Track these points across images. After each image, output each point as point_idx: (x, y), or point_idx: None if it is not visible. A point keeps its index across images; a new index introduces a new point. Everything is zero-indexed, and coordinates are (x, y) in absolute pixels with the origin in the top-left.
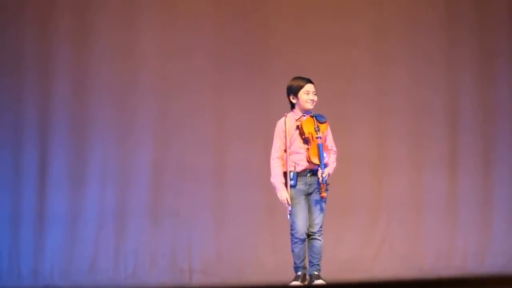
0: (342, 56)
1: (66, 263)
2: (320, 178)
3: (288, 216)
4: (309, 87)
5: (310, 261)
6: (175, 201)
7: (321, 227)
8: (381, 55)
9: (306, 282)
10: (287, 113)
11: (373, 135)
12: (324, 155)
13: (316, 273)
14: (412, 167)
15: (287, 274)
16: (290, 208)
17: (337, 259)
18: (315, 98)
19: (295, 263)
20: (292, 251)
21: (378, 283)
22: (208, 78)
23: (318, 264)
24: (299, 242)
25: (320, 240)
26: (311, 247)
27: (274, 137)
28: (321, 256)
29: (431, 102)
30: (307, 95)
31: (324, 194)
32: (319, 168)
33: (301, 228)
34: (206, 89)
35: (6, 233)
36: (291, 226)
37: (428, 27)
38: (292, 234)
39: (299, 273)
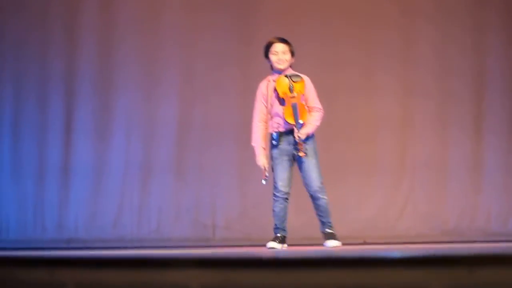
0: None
1: (90, 217)
2: (297, 138)
3: (263, 182)
4: (276, 46)
5: (320, 220)
6: (200, 157)
7: (321, 183)
8: (408, 9)
9: (284, 245)
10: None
11: (397, 95)
12: (299, 115)
13: (328, 230)
14: (437, 129)
15: (309, 231)
16: (266, 174)
17: (360, 218)
18: (285, 57)
19: (275, 224)
20: (273, 210)
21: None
22: (236, 36)
23: (329, 222)
24: (280, 201)
25: (323, 198)
26: (316, 207)
27: (255, 100)
28: (329, 213)
29: (457, 62)
30: (275, 55)
31: (302, 154)
32: (295, 128)
33: (280, 187)
34: (233, 48)
35: (31, 186)
36: (273, 185)
37: None
38: (273, 194)
39: (278, 234)
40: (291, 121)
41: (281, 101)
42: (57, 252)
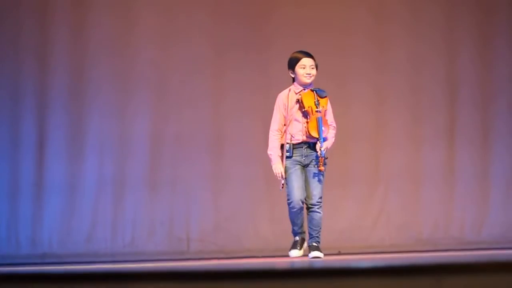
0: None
1: (64, 232)
2: (319, 152)
3: (281, 189)
4: (305, 61)
5: (309, 233)
6: (173, 171)
7: (320, 198)
8: (380, 15)
9: (304, 247)
10: (290, 87)
11: (371, 107)
12: (323, 129)
13: (315, 244)
14: (410, 139)
15: (283, 243)
16: (283, 181)
17: (335, 229)
18: (313, 72)
19: (293, 229)
20: (290, 219)
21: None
22: (208, 50)
23: (317, 236)
24: (296, 211)
25: (319, 212)
26: (310, 220)
27: (275, 109)
28: (320, 229)
29: (429, 75)
30: (303, 69)
31: (322, 168)
32: (318, 142)
33: (296, 197)
34: (205, 61)
35: (4, 202)
36: (288, 196)
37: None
38: (288, 204)
39: (297, 238)
40: (315, 134)
41: (305, 114)
42: (31, 268)
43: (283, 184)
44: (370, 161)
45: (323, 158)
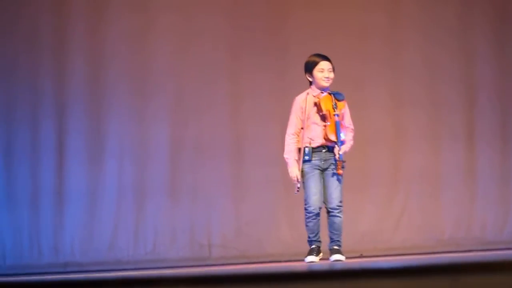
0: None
1: (86, 240)
2: (337, 155)
3: (296, 193)
4: (323, 64)
5: (330, 237)
6: (193, 177)
7: (340, 202)
8: (396, 18)
9: (320, 256)
10: (307, 90)
11: (388, 110)
12: (341, 132)
13: (336, 247)
14: (428, 141)
15: (304, 247)
16: (298, 185)
17: (357, 231)
18: (331, 75)
19: (309, 237)
20: (306, 225)
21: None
22: (225, 54)
23: (338, 240)
24: (313, 217)
25: (339, 216)
26: (331, 224)
27: (291, 113)
28: (341, 232)
29: (447, 71)
30: (322, 73)
31: (340, 171)
32: (336, 145)
33: (314, 202)
34: (223, 65)
35: (25, 211)
36: (305, 200)
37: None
38: (305, 209)
39: (313, 246)
40: (333, 138)
41: (323, 118)
42: (54, 277)
43: (298, 188)
44: (389, 163)
45: (341, 161)
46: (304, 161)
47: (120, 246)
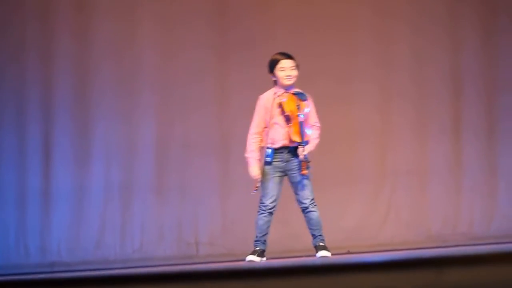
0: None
1: (73, 240)
2: (301, 156)
3: (253, 192)
4: (284, 62)
5: (312, 234)
6: (180, 176)
7: (312, 200)
8: (383, 10)
9: (263, 259)
10: (271, 89)
11: (375, 104)
12: (308, 132)
13: (321, 244)
14: (416, 135)
15: (290, 244)
16: (257, 185)
17: (343, 228)
18: (293, 73)
19: (256, 236)
20: (256, 222)
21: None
22: (210, 52)
23: (320, 235)
24: (265, 214)
25: (314, 211)
26: (308, 220)
27: (255, 112)
28: (321, 226)
29: (434, 71)
30: (283, 71)
31: (305, 172)
32: (300, 146)
33: (269, 202)
34: (208, 64)
35: (12, 211)
36: (261, 199)
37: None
38: (259, 206)
39: (258, 248)
40: (297, 139)
41: (286, 119)
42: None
43: (257, 187)
44: (376, 158)
45: (306, 162)
46: (266, 162)
47: (107, 245)
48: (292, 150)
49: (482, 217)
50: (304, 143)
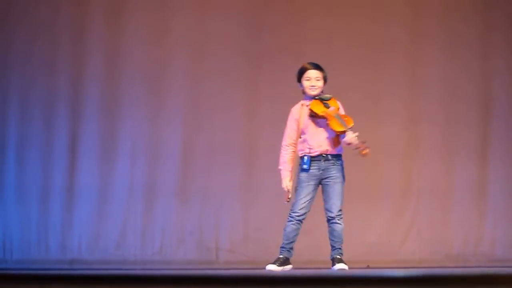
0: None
1: (93, 238)
2: (354, 138)
3: (286, 202)
4: (310, 73)
5: (332, 246)
6: (204, 180)
7: (339, 211)
8: (416, 34)
9: (287, 267)
10: (301, 101)
11: (403, 123)
12: (350, 121)
13: (338, 256)
14: (443, 154)
15: (312, 254)
16: (289, 195)
17: (364, 242)
18: (318, 84)
19: (282, 243)
20: (284, 229)
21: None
22: (242, 59)
23: (340, 248)
24: (294, 222)
25: (340, 224)
26: (331, 232)
27: (287, 124)
28: (342, 240)
29: (464, 88)
30: (308, 81)
31: (366, 151)
32: (346, 133)
33: (300, 210)
34: (239, 70)
35: (35, 207)
36: (292, 205)
37: (465, 11)
38: (289, 213)
39: (281, 255)
40: (341, 128)
41: (322, 121)
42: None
43: (289, 198)
44: (401, 176)
45: (362, 142)
46: (302, 170)
47: (127, 246)
48: (329, 158)
49: (504, 239)
50: (349, 128)
